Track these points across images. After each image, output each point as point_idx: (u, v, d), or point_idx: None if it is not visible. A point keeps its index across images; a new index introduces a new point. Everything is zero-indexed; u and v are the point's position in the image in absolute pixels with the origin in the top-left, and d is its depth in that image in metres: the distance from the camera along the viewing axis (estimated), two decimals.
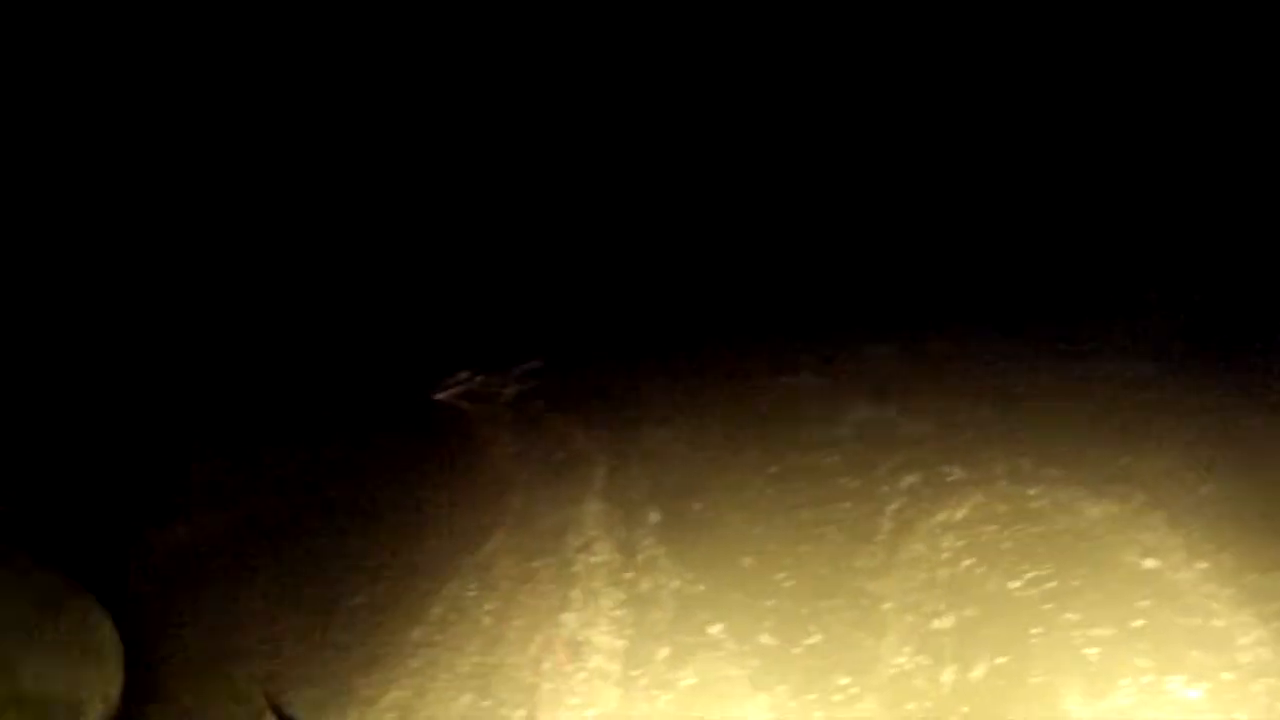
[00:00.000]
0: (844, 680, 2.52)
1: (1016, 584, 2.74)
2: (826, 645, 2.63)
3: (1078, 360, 3.53)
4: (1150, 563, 2.73)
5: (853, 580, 2.83)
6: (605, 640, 2.77)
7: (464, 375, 3.88)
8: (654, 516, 3.16)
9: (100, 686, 2.67)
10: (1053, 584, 2.72)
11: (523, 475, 3.42)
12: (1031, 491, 3.02)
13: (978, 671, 2.49)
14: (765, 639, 2.68)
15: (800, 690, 2.51)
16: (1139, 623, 2.52)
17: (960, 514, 2.99)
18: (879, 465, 3.20)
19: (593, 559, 3.04)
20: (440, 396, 3.81)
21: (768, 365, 3.67)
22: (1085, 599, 2.64)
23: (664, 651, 2.71)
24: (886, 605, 2.75)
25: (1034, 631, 2.58)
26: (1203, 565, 2.67)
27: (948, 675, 2.49)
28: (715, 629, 2.74)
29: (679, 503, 3.20)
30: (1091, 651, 2.47)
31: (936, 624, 2.65)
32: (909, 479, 3.13)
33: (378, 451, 3.60)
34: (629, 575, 2.95)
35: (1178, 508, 2.88)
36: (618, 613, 2.85)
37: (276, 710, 2.72)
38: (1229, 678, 2.36)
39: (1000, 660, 2.50)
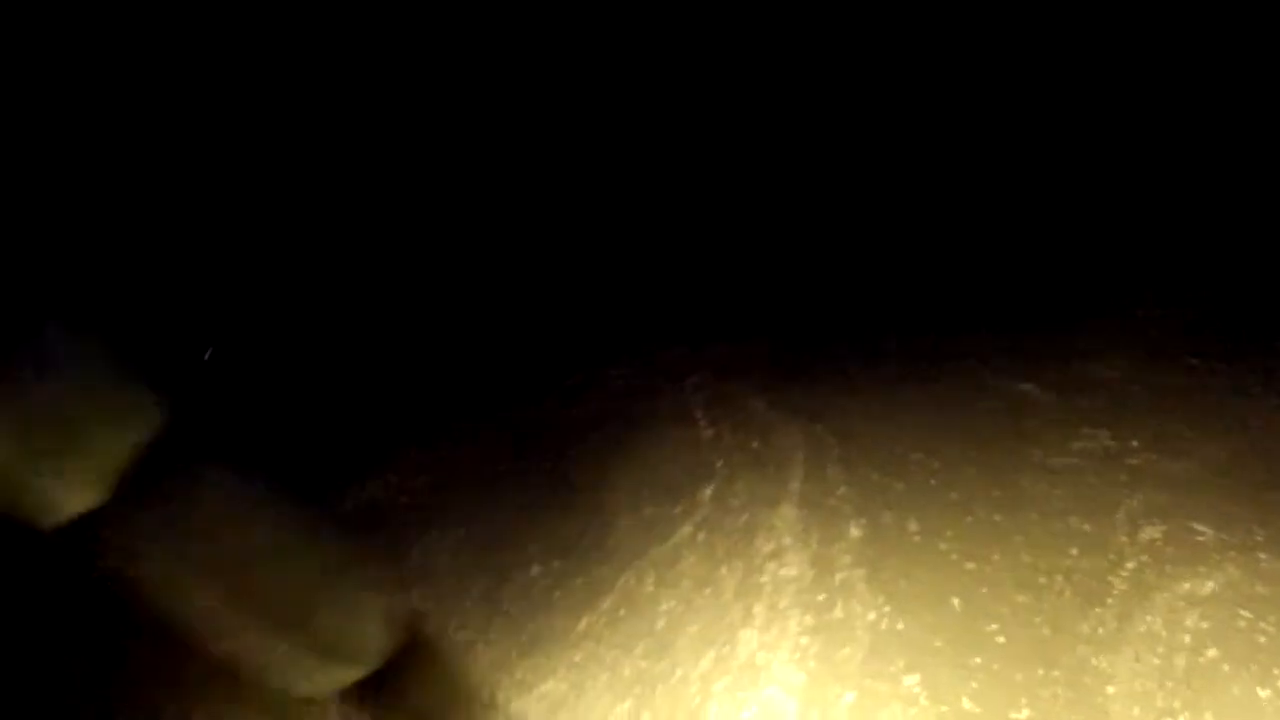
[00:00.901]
0: None
1: (1267, 692, 2.39)
2: None
3: None
4: None
5: (1076, 649, 2.54)
6: (786, 671, 2.62)
7: (654, 350, 3.69)
8: (855, 531, 2.93)
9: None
10: None
11: (717, 463, 3.23)
12: None
13: None
14: (967, 704, 2.45)
15: None
16: None
17: (1209, 587, 2.62)
18: (1116, 508, 2.83)
19: (783, 571, 2.87)
20: (628, 374, 3.65)
21: (991, 366, 3.28)
22: None
23: (849, 696, 2.54)
24: (1111, 689, 2.46)
25: None
26: None
27: None
28: (911, 680, 2.53)
29: (885, 518, 2.95)
30: None
31: None
32: (1150, 532, 2.76)
33: (571, 425, 3.49)
34: (821, 598, 2.76)
35: None
36: (804, 640, 2.68)
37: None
38: None
39: None
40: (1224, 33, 3.93)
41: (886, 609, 2.71)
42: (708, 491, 3.16)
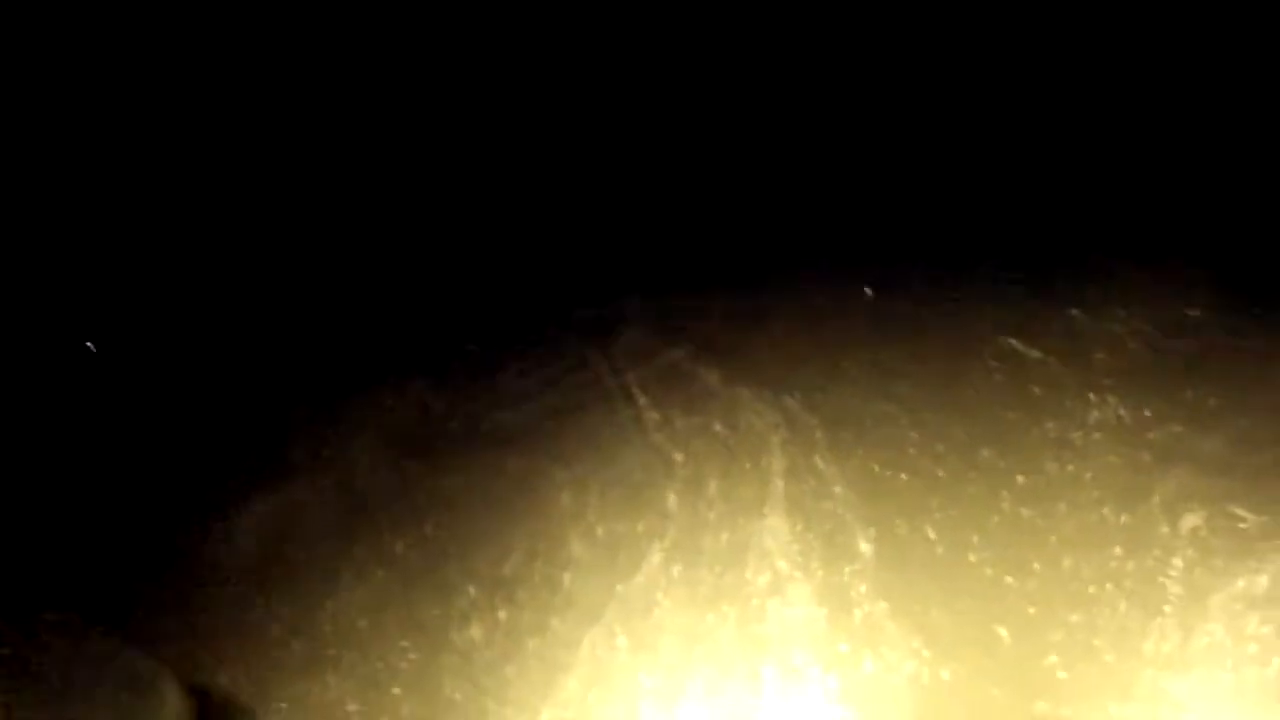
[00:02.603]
0: None
1: None
2: None
3: None
4: None
5: (1143, 674, 2.20)
6: None
7: (588, 315, 2.85)
8: (864, 546, 2.40)
9: None
10: None
11: (678, 460, 2.55)
12: None
13: None
14: None
15: None
16: None
17: (1262, 584, 2.33)
18: (1150, 494, 2.47)
19: (788, 611, 2.30)
20: (561, 349, 2.79)
21: (992, 326, 2.76)
22: None
23: None
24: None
25: None
26: None
27: None
28: None
29: (897, 526, 2.43)
30: None
31: None
32: (1190, 520, 2.43)
33: (488, 432, 2.64)
34: (844, 648, 2.23)
35: None
36: (840, 713, 2.15)
37: None
38: None
39: None
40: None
41: (926, 654, 2.23)
42: (671, 498, 2.50)
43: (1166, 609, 2.30)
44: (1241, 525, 2.42)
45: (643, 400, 2.69)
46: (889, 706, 2.18)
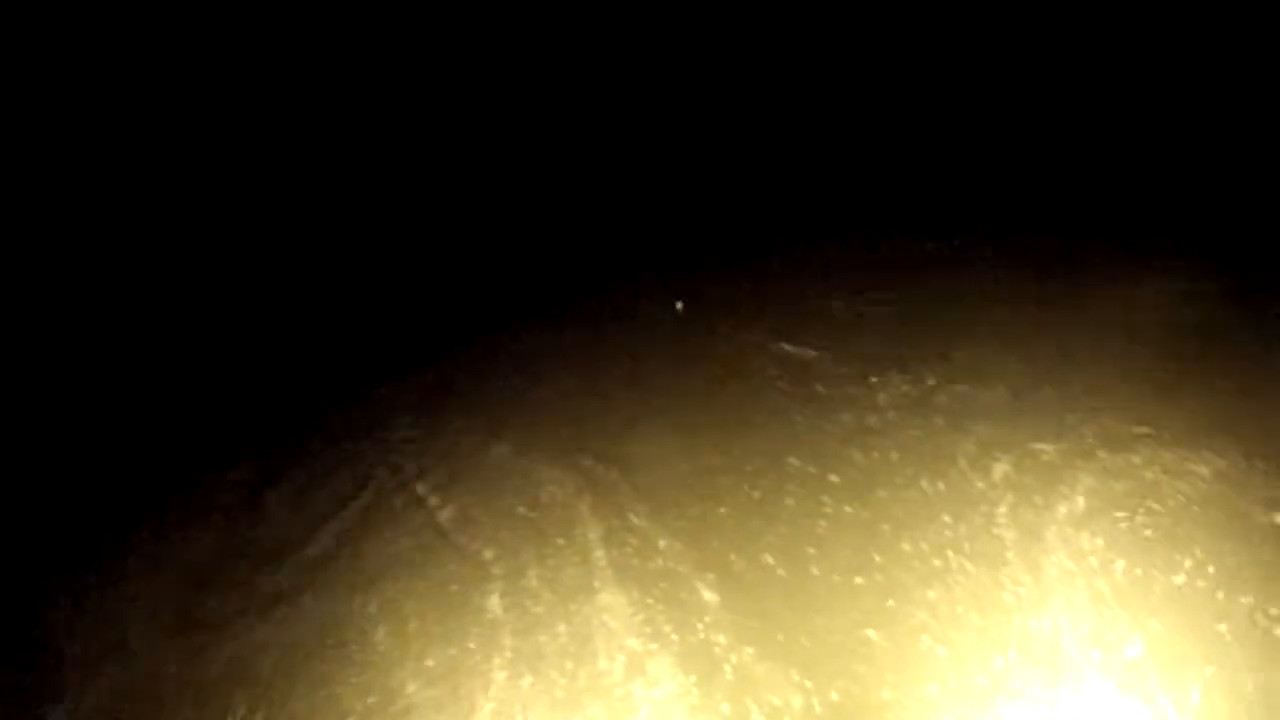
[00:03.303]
0: None
1: (1181, 578, 2.21)
2: None
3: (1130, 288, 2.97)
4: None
5: (1015, 622, 2.14)
6: None
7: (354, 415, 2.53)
8: (707, 594, 2.21)
9: None
10: (1212, 569, 2.23)
11: (489, 557, 2.27)
12: (1136, 460, 2.47)
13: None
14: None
15: None
16: None
17: (1080, 502, 2.38)
18: (957, 454, 2.48)
19: (657, 690, 2.06)
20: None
21: (765, 334, 2.72)
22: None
23: None
24: (1068, 641, 2.10)
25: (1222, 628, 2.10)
26: None
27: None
28: None
29: (731, 562, 2.26)
30: None
31: (1131, 651, 2.08)
32: (999, 468, 2.45)
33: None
34: (726, 708, 2.01)
35: None
36: None
37: None
38: None
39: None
40: None
41: (808, 684, 2.06)
42: (494, 602, 2.21)
43: (1009, 555, 2.28)
44: (1045, 458, 2.48)
45: (433, 500, 2.41)
46: None
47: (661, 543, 2.34)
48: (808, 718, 2.01)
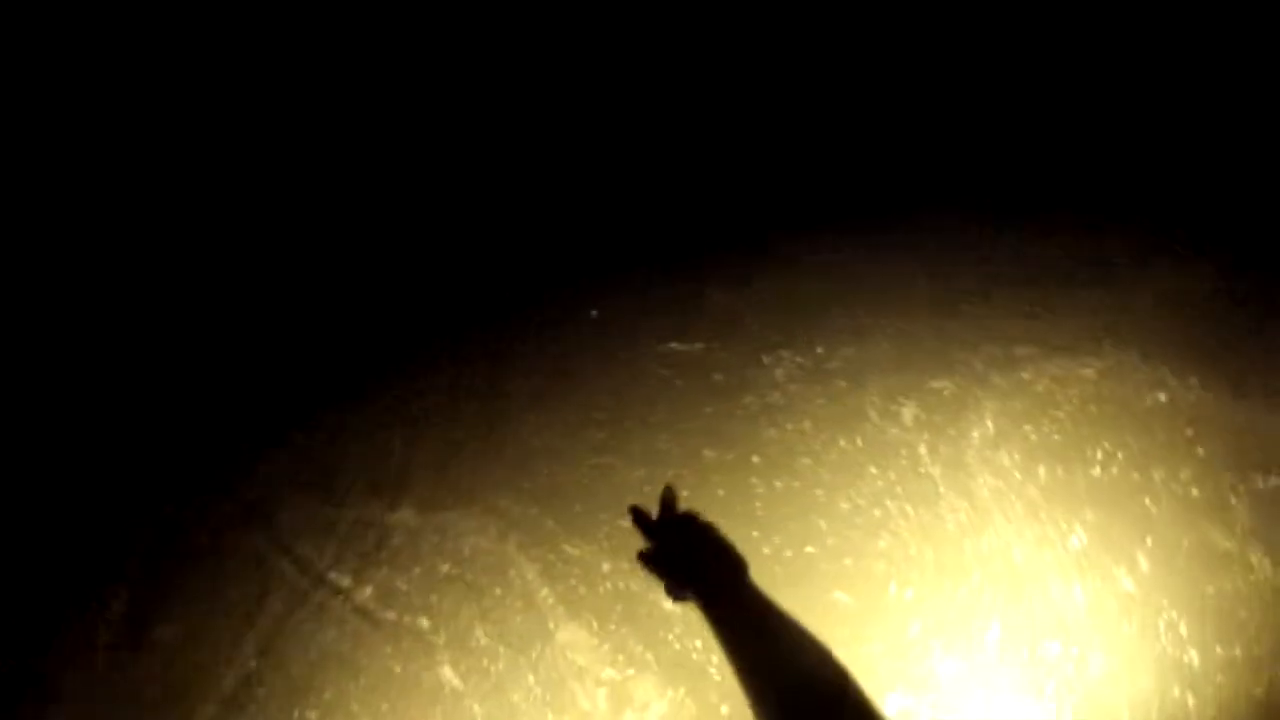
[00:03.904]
0: None
1: (1097, 470, 2.32)
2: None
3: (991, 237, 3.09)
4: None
5: (963, 548, 2.15)
6: None
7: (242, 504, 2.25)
8: (668, 604, 2.10)
9: None
10: (1121, 455, 2.34)
11: (426, 626, 2.07)
12: (1026, 376, 2.57)
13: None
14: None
15: None
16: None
17: (989, 425, 2.44)
18: (865, 408, 2.50)
19: (648, 715, 1.93)
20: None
21: (651, 338, 2.66)
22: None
23: None
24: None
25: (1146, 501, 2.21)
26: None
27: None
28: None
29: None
30: None
31: (1075, 542, 2.14)
32: (907, 411, 2.49)
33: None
34: (725, 709, 1.90)
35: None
36: None
37: None
38: None
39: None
40: None
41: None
42: (448, 674, 2.02)
43: (941, 489, 2.31)
44: (946, 394, 2.54)
45: (346, 582, 2.19)
46: None
47: (605, 565, 2.22)
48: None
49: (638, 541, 2.27)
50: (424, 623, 2.13)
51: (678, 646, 2.04)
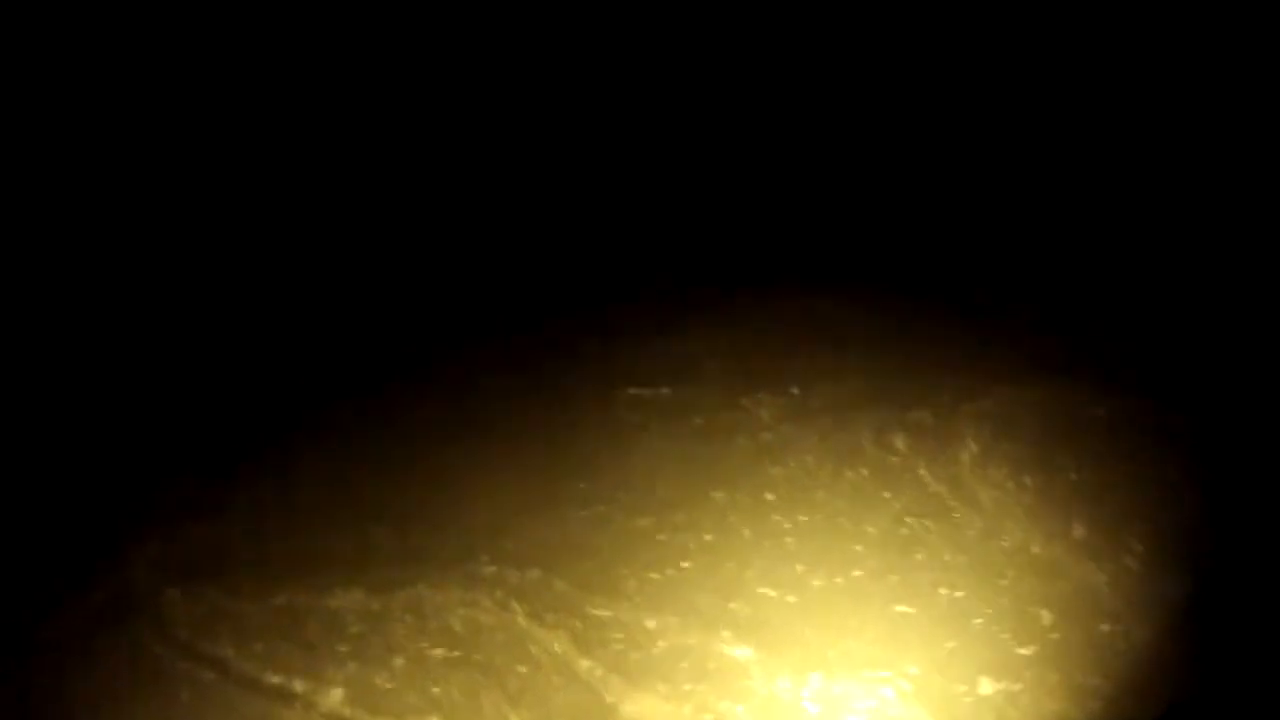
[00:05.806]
0: None
1: (1073, 474, 2.49)
2: None
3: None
4: None
5: (991, 551, 2.23)
6: None
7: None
8: (739, 650, 2.01)
9: None
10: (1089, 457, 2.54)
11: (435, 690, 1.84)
12: (989, 403, 2.73)
13: None
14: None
15: None
16: None
17: (973, 447, 2.57)
18: (861, 434, 2.57)
19: None
20: None
21: (620, 379, 2.59)
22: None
23: None
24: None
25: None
26: None
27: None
28: None
29: (731, 610, 2.08)
30: None
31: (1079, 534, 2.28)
32: (899, 441, 2.58)
33: None
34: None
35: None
36: None
37: None
38: None
39: None
40: None
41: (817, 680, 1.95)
42: None
43: (951, 504, 2.38)
44: (927, 424, 2.61)
45: (298, 686, 1.93)
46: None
47: (649, 623, 2.09)
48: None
49: (676, 592, 2.19)
50: (435, 689, 1.91)
51: (764, 693, 1.95)
